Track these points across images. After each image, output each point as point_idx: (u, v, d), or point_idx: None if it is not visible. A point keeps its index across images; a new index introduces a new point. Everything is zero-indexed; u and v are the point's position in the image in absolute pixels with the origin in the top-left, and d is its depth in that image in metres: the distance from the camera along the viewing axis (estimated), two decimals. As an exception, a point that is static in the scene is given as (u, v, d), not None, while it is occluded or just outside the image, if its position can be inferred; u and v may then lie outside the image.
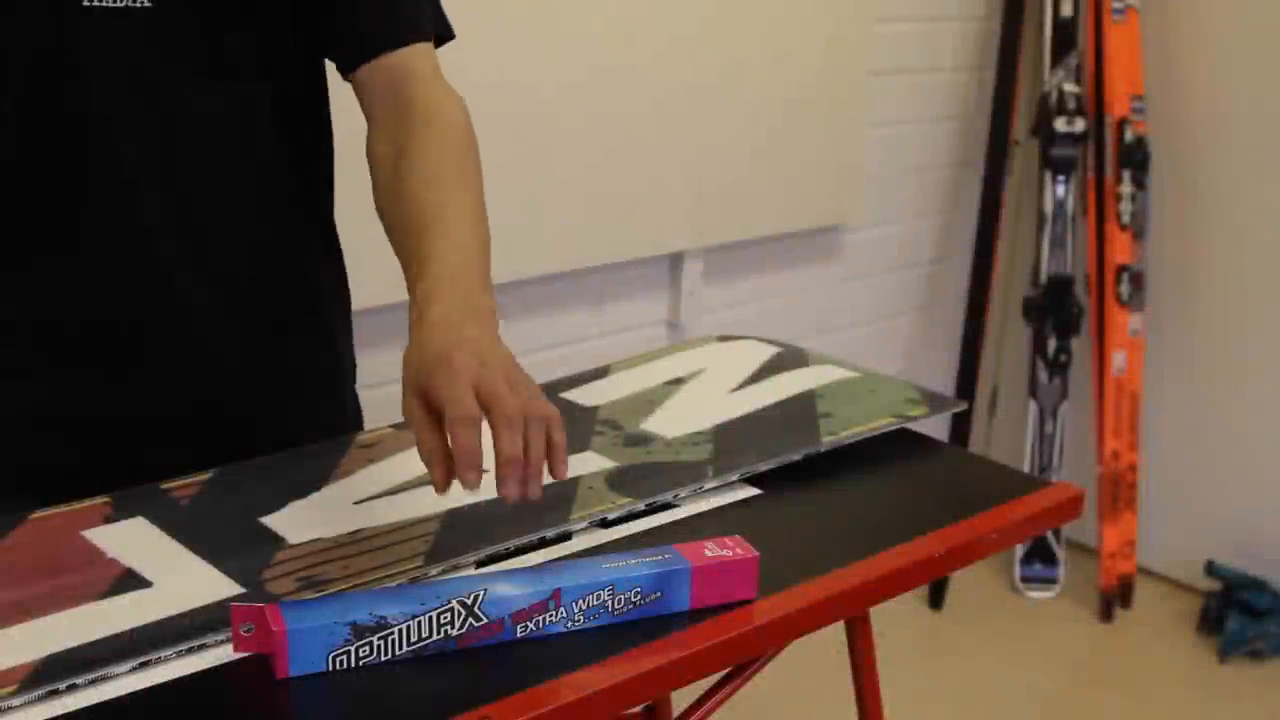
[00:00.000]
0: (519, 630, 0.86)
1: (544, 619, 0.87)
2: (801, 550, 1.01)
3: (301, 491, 1.03)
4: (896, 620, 2.56)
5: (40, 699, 0.78)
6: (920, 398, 1.26)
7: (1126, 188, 2.63)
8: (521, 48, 1.91)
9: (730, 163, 2.26)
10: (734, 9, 2.19)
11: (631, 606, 0.89)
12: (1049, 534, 2.78)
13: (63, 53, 1.00)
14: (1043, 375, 2.75)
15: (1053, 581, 2.80)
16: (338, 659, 0.82)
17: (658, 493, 1.04)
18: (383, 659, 0.83)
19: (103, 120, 1.02)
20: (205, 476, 1.06)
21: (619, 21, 2.04)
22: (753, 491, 1.09)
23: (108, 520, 0.99)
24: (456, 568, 0.93)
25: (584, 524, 1.00)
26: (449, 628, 0.84)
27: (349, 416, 1.23)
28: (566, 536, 0.99)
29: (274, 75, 1.09)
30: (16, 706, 0.77)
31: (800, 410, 1.21)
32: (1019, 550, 2.80)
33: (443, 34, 1.14)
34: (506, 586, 0.86)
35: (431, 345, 0.87)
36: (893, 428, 1.19)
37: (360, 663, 0.83)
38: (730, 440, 1.14)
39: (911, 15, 2.57)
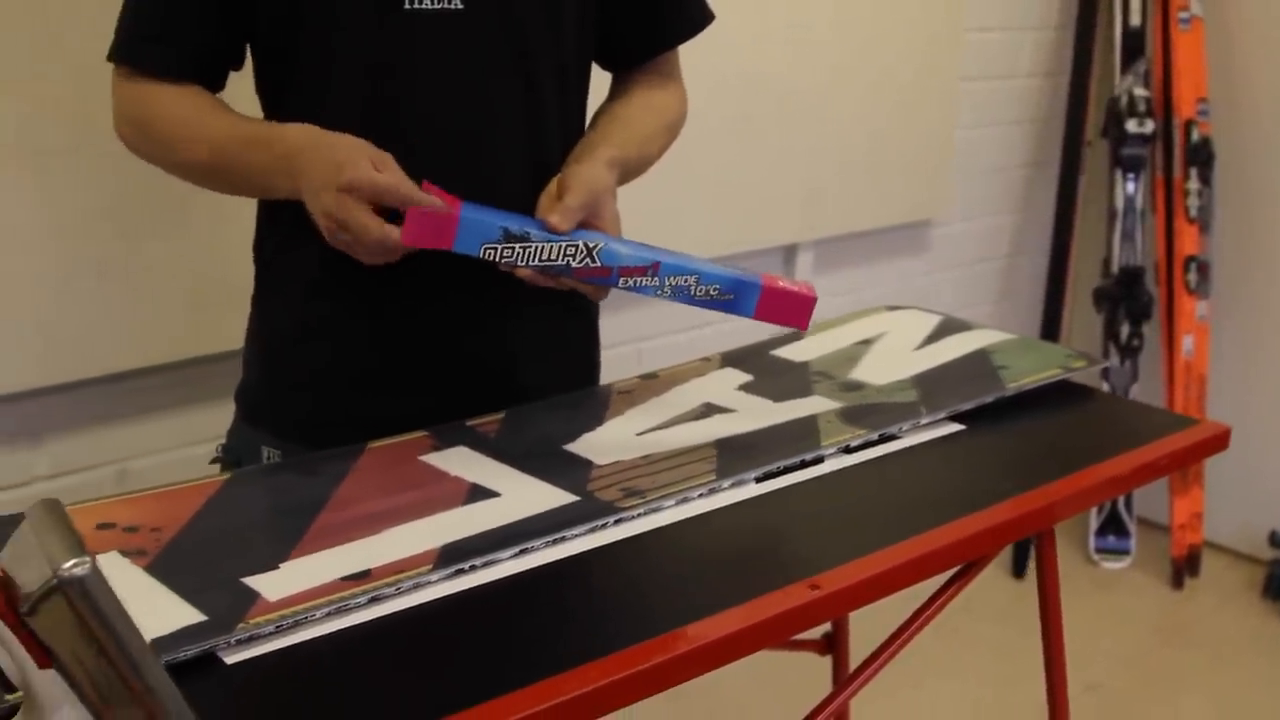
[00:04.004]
0: (621, 282, 1.13)
1: (641, 280, 1.13)
2: (1009, 473, 1.20)
3: (588, 426, 1.23)
4: (983, 587, 2.75)
5: (449, 576, 0.97)
6: (1076, 354, 1.46)
7: (1193, 184, 2.83)
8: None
9: (839, 162, 2.47)
10: (844, 23, 2.40)
11: (709, 297, 1.14)
12: (1122, 508, 2.98)
13: (390, 53, 1.18)
14: (1114, 360, 2.95)
15: (1125, 553, 2.99)
16: (488, 250, 1.10)
17: (884, 426, 1.24)
18: (518, 263, 1.11)
19: (421, 116, 1.20)
20: (499, 416, 1.26)
21: (749, 35, 2.24)
22: (957, 427, 1.28)
23: (435, 449, 1.18)
24: (741, 482, 1.13)
25: (832, 450, 1.19)
26: (571, 259, 1.11)
27: (592, 372, 1.42)
28: (819, 460, 1.18)
29: (563, 65, 1.27)
30: (434, 581, 0.96)
31: (980, 364, 1.41)
32: (1093, 523, 3.00)
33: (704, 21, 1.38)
34: (622, 248, 1.13)
35: (605, 179, 1.18)
36: (1061, 377, 1.39)
37: (500, 259, 1.11)
38: (929, 386, 1.34)
39: (994, 25, 2.77)
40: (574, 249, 1.12)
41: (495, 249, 1.11)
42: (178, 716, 0.71)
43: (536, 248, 1.12)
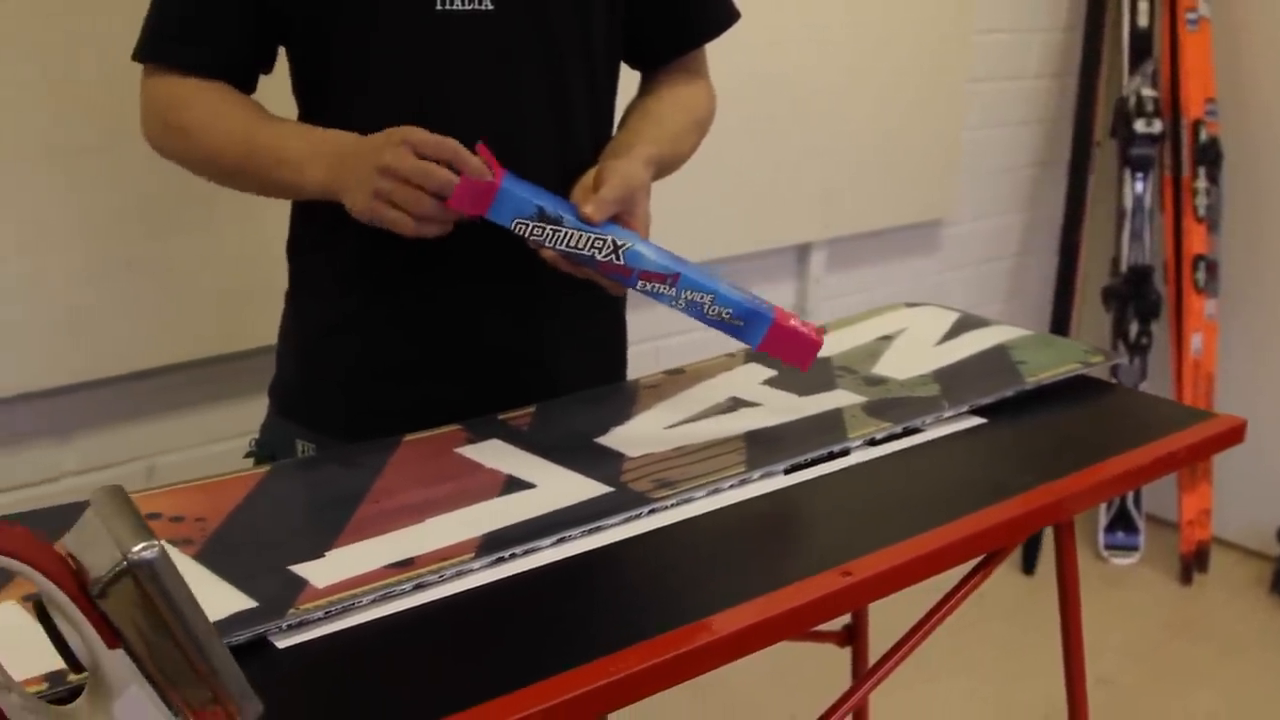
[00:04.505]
0: (639, 285, 1.14)
1: (659, 287, 1.15)
2: (1030, 465, 1.23)
3: (618, 420, 1.26)
4: (995, 583, 2.78)
5: (491, 564, 1.00)
6: (1093, 349, 1.48)
7: (1201, 183, 2.85)
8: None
9: (852, 162, 2.49)
10: (856, 25, 2.42)
11: (719, 319, 1.16)
12: (1131, 504, 3.00)
13: (422, 55, 1.20)
14: (1123, 358, 2.97)
15: (1134, 549, 3.01)
16: (519, 225, 1.11)
17: (907, 419, 1.26)
18: (545, 243, 1.13)
19: (453, 117, 1.22)
20: (531, 410, 1.28)
21: (765, 37, 2.27)
22: (978, 421, 1.31)
23: (469, 441, 1.21)
24: (770, 474, 1.15)
25: (858, 442, 1.22)
26: (597, 252, 1.13)
27: (619, 367, 1.44)
28: (845, 452, 1.21)
29: (593, 66, 1.29)
30: (476, 569, 0.99)
31: (999, 359, 1.43)
32: (1102, 520, 3.02)
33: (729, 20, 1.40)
34: (648, 252, 1.15)
35: (641, 176, 1.20)
36: (1079, 372, 1.41)
37: (530, 236, 1.12)
38: (950, 381, 1.37)
39: (1004, 26, 2.80)
40: (602, 242, 1.14)
41: (526, 225, 1.13)
42: (241, 697, 0.73)
43: (566, 233, 1.13)
